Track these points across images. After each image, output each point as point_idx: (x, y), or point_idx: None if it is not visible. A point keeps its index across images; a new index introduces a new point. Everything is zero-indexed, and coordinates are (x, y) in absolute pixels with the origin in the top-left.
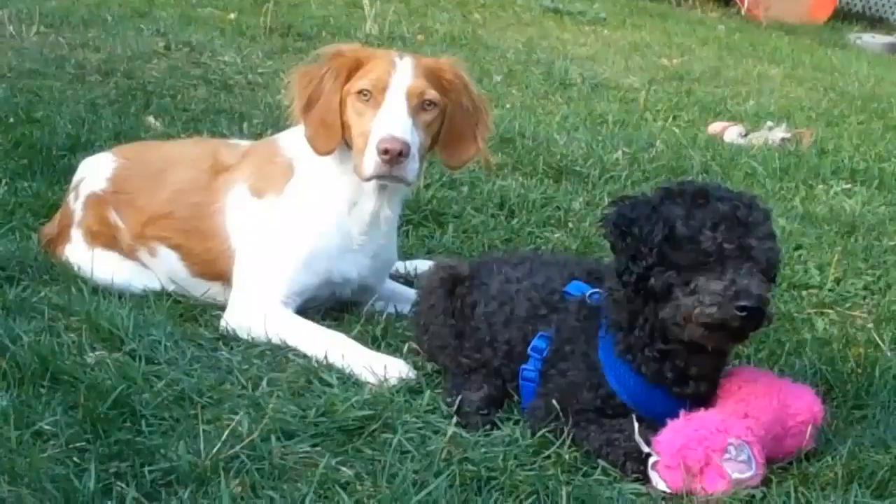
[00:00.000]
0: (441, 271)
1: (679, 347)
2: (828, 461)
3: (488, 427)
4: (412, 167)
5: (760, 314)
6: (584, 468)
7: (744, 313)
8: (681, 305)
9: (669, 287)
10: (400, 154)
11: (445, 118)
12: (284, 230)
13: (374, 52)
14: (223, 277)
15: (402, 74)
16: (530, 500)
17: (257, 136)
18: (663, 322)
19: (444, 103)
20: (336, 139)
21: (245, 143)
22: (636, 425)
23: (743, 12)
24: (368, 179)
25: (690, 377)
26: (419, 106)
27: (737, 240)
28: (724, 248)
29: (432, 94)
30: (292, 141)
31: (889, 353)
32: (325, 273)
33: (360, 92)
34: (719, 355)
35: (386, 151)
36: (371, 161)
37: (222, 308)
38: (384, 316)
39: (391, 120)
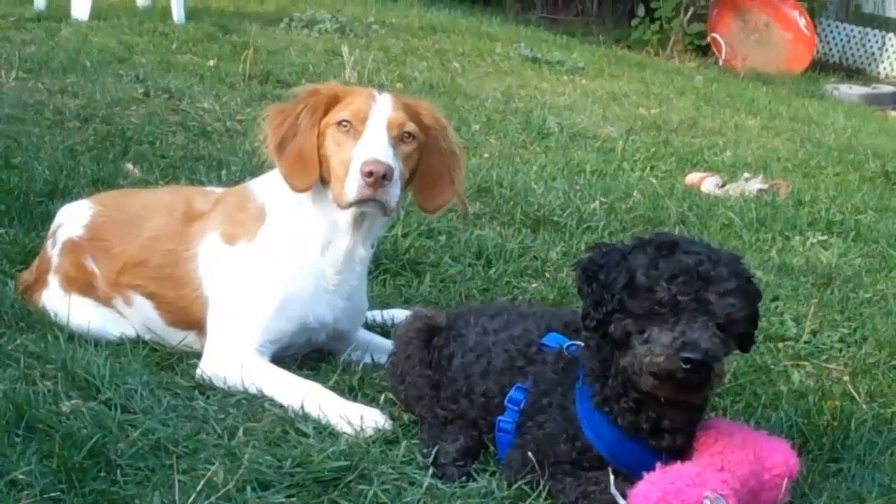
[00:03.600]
0: (418, 321)
1: (648, 399)
2: None
3: (464, 479)
4: (394, 192)
5: (707, 368)
6: None
7: (688, 365)
8: (637, 354)
9: (628, 335)
10: (384, 177)
11: (422, 159)
12: (257, 277)
13: (350, 88)
14: (197, 326)
15: (383, 106)
16: None
17: (235, 183)
18: (625, 370)
19: (422, 139)
20: (313, 174)
21: (219, 190)
22: (612, 478)
23: (720, 62)
24: (349, 205)
25: (665, 430)
26: (399, 137)
27: (694, 293)
28: (678, 300)
29: (411, 126)
30: (264, 186)
31: (865, 407)
32: (300, 318)
33: (340, 123)
34: (693, 409)
35: (370, 174)
36: (354, 185)
37: (198, 356)
38: (360, 366)
39: (374, 145)
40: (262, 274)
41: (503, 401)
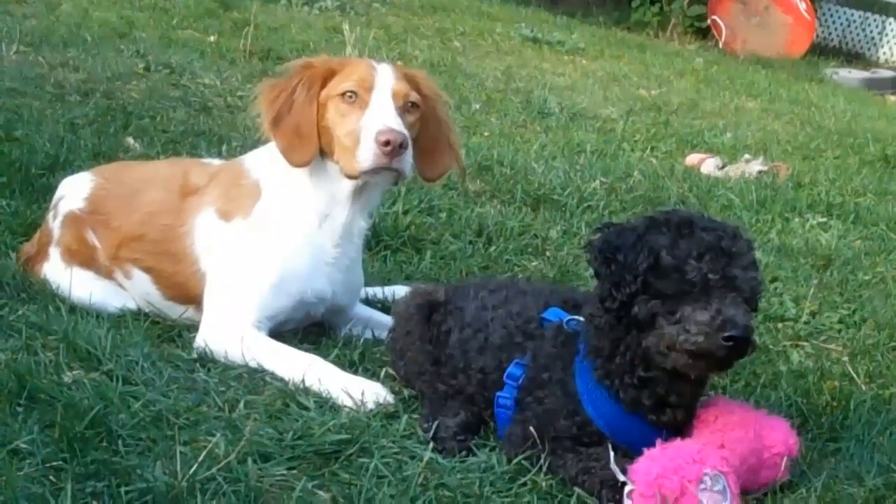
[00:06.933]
0: (417, 297)
1: (660, 375)
2: (802, 493)
3: (464, 453)
4: (408, 160)
5: (746, 343)
6: (560, 496)
7: (730, 343)
8: (665, 334)
9: (653, 316)
10: (401, 146)
11: (422, 127)
12: (255, 254)
13: (346, 60)
14: (195, 301)
15: (385, 76)
16: None
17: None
18: (647, 350)
19: (423, 107)
20: (313, 149)
21: (217, 162)
22: (612, 454)
23: (720, 45)
24: (363, 174)
25: (669, 405)
26: (404, 107)
27: (721, 270)
28: (709, 278)
29: (415, 96)
30: (258, 161)
31: (864, 387)
32: (298, 294)
33: (344, 94)
34: (699, 383)
35: (387, 143)
36: (370, 153)
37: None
38: (361, 341)
39: (387, 114)
40: (259, 251)
41: (501, 377)
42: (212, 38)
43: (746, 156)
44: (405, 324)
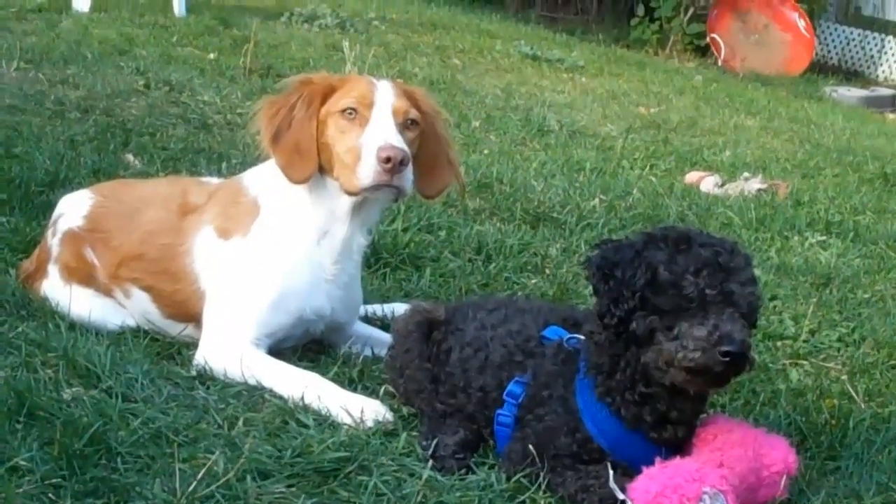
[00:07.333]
0: (417, 315)
1: (660, 391)
2: None
3: (464, 471)
4: (409, 177)
5: (743, 359)
6: None
7: (727, 358)
8: (663, 350)
9: (652, 331)
10: (401, 163)
11: (421, 144)
12: (253, 272)
13: (345, 76)
14: (195, 319)
15: (385, 93)
16: None
17: (235, 175)
18: (645, 366)
19: (422, 125)
20: (312, 165)
21: (216, 180)
22: (611, 472)
23: (719, 63)
24: (363, 191)
25: (669, 421)
26: (404, 124)
27: (719, 285)
28: (706, 294)
29: (414, 113)
30: (257, 178)
31: (863, 406)
32: (297, 311)
33: (344, 110)
34: (699, 400)
35: (388, 160)
36: (370, 170)
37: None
38: (360, 358)
39: (387, 131)
40: (258, 269)
41: (501, 395)
42: (212, 56)
43: (745, 174)
44: (404, 341)
